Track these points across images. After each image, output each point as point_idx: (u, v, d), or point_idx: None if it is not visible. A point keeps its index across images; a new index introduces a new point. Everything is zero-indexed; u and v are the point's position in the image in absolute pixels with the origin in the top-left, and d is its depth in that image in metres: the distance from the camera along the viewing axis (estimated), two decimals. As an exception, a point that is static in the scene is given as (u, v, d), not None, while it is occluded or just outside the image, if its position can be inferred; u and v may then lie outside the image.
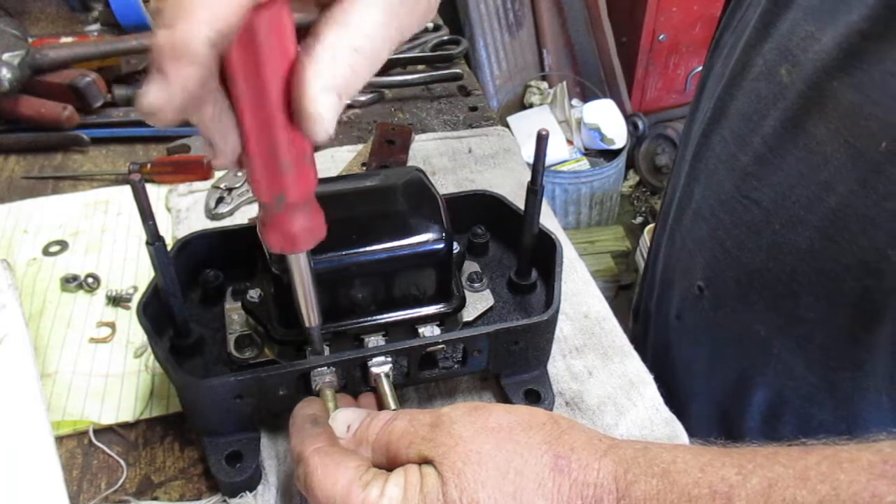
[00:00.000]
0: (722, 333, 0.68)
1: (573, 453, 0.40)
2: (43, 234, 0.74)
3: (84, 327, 0.64)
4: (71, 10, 1.14)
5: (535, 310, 0.59)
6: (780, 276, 0.59)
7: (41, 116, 0.85)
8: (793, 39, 0.56)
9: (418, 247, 0.52)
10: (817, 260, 0.56)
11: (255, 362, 0.53)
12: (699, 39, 2.58)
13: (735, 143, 0.62)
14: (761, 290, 0.62)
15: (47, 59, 0.86)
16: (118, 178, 0.82)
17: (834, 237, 0.54)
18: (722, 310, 0.67)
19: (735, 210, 0.62)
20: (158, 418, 0.57)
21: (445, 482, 0.39)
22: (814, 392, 0.61)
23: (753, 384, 0.66)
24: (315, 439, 0.44)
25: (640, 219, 2.66)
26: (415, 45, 1.05)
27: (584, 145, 2.51)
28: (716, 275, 0.67)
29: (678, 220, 0.73)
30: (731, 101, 0.64)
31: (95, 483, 0.53)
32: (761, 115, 0.59)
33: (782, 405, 0.65)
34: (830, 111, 0.53)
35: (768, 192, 0.59)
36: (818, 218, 0.55)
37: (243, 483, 0.51)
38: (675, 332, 0.76)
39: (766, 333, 0.63)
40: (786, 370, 0.63)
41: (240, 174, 0.79)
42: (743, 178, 0.61)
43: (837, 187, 0.53)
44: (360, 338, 0.54)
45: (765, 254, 0.60)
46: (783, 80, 0.57)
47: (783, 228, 0.58)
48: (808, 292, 0.57)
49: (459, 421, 0.42)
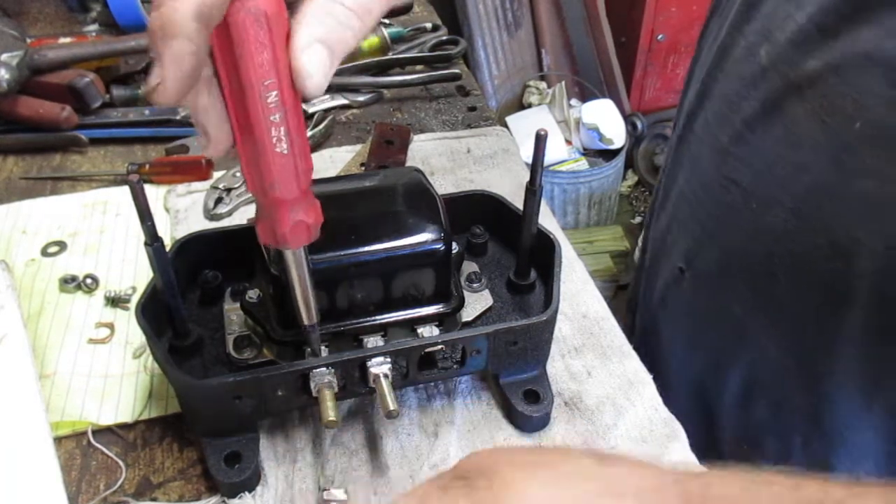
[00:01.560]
0: (701, 314, 0.69)
1: (623, 458, 0.35)
2: (41, 234, 0.74)
3: (83, 328, 0.64)
4: (69, 10, 1.13)
5: (533, 310, 0.59)
6: (756, 257, 0.60)
7: (40, 117, 0.85)
8: (773, 20, 0.57)
9: (417, 247, 0.52)
10: (792, 241, 0.56)
11: (253, 363, 0.53)
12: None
13: (717, 125, 0.63)
14: (739, 271, 0.63)
15: (46, 60, 0.86)
16: (117, 178, 0.82)
17: (807, 218, 0.55)
18: (701, 290, 0.68)
19: (715, 191, 0.63)
20: (157, 419, 0.57)
21: (474, 489, 0.33)
22: (786, 374, 0.62)
23: (729, 364, 0.67)
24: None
25: (639, 219, 2.66)
26: (413, 46, 1.05)
27: (583, 145, 2.51)
28: (696, 256, 0.68)
29: (663, 204, 0.74)
30: (714, 83, 0.65)
31: (94, 484, 0.53)
32: (742, 97, 0.60)
33: (756, 386, 0.66)
34: (807, 91, 0.54)
35: (747, 173, 0.60)
36: (793, 198, 0.56)
37: (242, 483, 0.51)
38: (660, 316, 0.77)
39: (743, 314, 0.64)
40: (760, 351, 0.64)
41: (238, 174, 0.79)
42: (723, 158, 0.62)
43: (812, 167, 0.54)
44: (359, 338, 0.54)
45: (743, 234, 0.61)
46: (762, 60, 0.58)
47: (760, 208, 0.59)
48: (783, 273, 0.58)
49: (483, 454, 0.37)
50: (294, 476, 0.53)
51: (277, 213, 0.41)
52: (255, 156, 0.38)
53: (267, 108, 0.36)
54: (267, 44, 0.35)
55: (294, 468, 0.53)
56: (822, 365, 0.59)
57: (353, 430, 0.56)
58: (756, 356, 0.64)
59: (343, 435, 0.56)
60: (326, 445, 0.55)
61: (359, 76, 0.95)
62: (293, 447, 0.55)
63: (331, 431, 0.56)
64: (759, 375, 0.65)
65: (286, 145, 0.38)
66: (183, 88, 0.35)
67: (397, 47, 1.04)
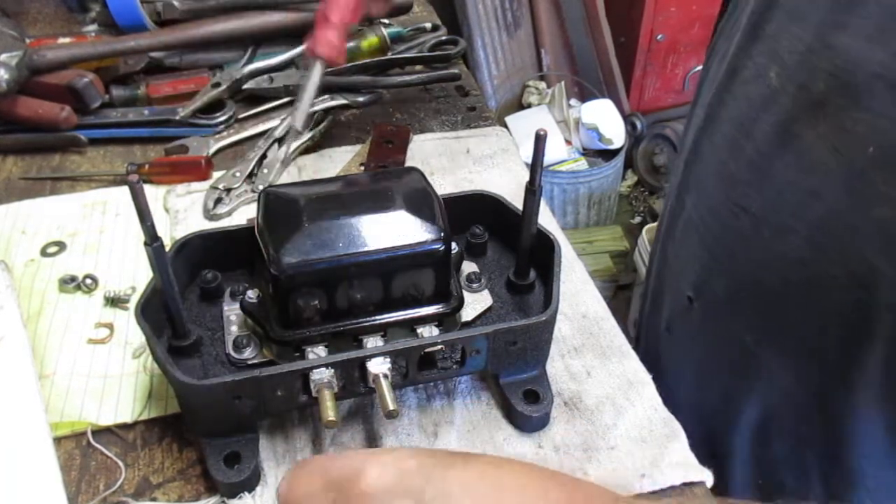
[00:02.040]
0: (710, 345, 0.67)
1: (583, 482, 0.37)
2: (41, 234, 0.74)
3: (82, 328, 0.64)
4: (68, 10, 1.13)
5: (533, 310, 0.59)
6: (769, 286, 0.58)
7: (39, 117, 0.85)
8: (781, 42, 0.55)
9: (416, 247, 0.52)
10: (807, 270, 0.54)
11: (253, 363, 0.53)
12: (697, 39, 2.59)
13: (726, 150, 0.61)
14: (750, 300, 0.61)
15: (45, 60, 0.86)
16: (116, 178, 0.82)
17: (822, 246, 0.53)
18: (710, 320, 0.66)
19: (725, 218, 0.61)
20: (157, 419, 0.57)
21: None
22: (804, 409, 0.60)
23: (743, 399, 0.65)
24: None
25: (639, 219, 2.66)
26: (413, 46, 1.05)
27: (583, 145, 2.51)
28: (705, 284, 0.66)
29: (670, 230, 0.72)
30: (722, 107, 0.63)
31: (94, 484, 0.53)
32: (752, 121, 0.58)
33: (772, 420, 0.63)
34: (819, 115, 0.52)
35: (758, 200, 0.58)
36: (806, 226, 0.54)
37: (242, 484, 0.51)
38: (665, 343, 0.75)
39: (756, 346, 0.61)
40: (776, 385, 0.61)
41: (237, 174, 0.79)
42: (733, 185, 0.60)
43: (825, 194, 0.52)
44: (359, 338, 0.54)
45: (754, 263, 0.59)
46: (773, 83, 0.56)
47: (772, 237, 0.57)
48: (798, 304, 0.56)
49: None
50: (294, 476, 0.53)
51: (319, 30, 0.73)
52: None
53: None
54: None
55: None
56: (841, 400, 0.57)
57: (352, 430, 0.56)
58: (770, 389, 0.62)
59: (343, 435, 0.56)
60: (326, 445, 0.55)
61: (358, 76, 0.95)
62: (293, 447, 0.55)
63: (330, 431, 0.56)
64: (775, 409, 0.63)
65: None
66: None
67: (396, 47, 1.04)
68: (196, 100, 0.89)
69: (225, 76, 0.92)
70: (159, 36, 0.94)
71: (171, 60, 0.97)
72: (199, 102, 0.89)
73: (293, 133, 0.82)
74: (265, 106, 0.92)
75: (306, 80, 0.76)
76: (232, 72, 0.94)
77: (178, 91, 0.92)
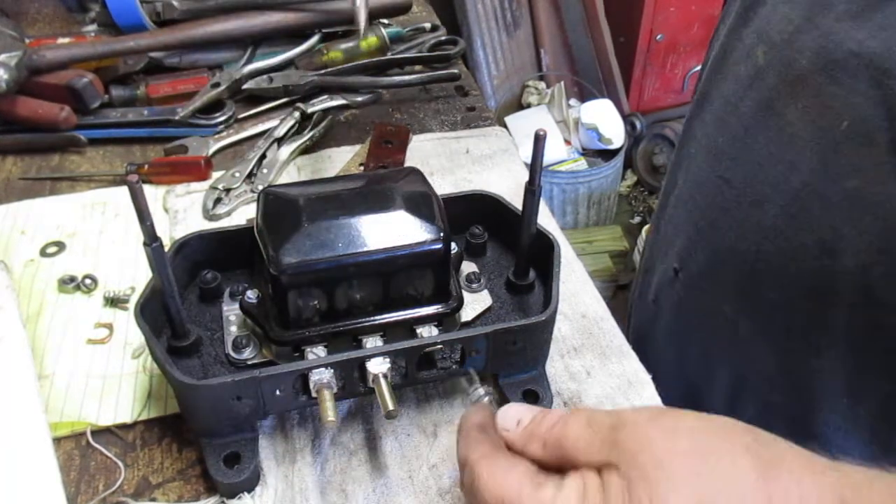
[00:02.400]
0: (692, 313, 0.70)
1: (784, 463, 0.35)
2: (40, 235, 0.74)
3: (82, 328, 0.64)
4: (68, 10, 1.13)
5: (533, 310, 0.59)
6: (745, 256, 0.60)
7: (38, 117, 0.85)
8: (770, 22, 0.58)
9: (416, 247, 0.52)
10: (780, 238, 0.57)
11: (252, 363, 0.53)
12: (697, 39, 2.59)
13: (714, 126, 0.64)
14: (729, 270, 0.63)
15: (44, 60, 0.86)
16: (116, 178, 0.82)
17: (796, 216, 0.55)
18: (692, 290, 0.69)
19: (709, 191, 0.64)
20: (156, 419, 0.57)
21: (633, 487, 0.35)
22: (773, 375, 0.62)
23: (718, 365, 0.67)
24: (481, 446, 0.41)
25: (638, 218, 2.66)
26: (412, 46, 1.05)
27: (582, 145, 2.51)
28: (689, 256, 0.68)
29: (662, 207, 0.75)
30: (713, 87, 0.65)
31: (93, 484, 0.53)
32: (739, 98, 0.60)
33: (743, 387, 0.66)
34: (800, 92, 0.54)
35: (740, 172, 0.60)
36: (783, 197, 0.56)
37: (241, 484, 0.51)
38: (652, 317, 0.78)
39: (732, 314, 0.64)
40: (748, 352, 0.64)
41: (237, 174, 0.79)
42: (719, 159, 0.63)
43: (801, 166, 0.54)
44: (359, 338, 0.54)
45: (733, 232, 0.61)
46: (759, 61, 0.58)
47: (751, 207, 0.59)
48: (771, 272, 0.59)
49: (646, 424, 0.38)
50: (293, 476, 0.53)
51: None
52: None
53: None
54: None
55: (293, 468, 0.53)
56: (807, 366, 0.59)
57: (352, 430, 0.56)
58: (744, 356, 0.64)
59: (342, 435, 0.56)
60: (326, 445, 0.55)
61: (357, 76, 0.95)
62: (292, 447, 0.55)
63: (330, 431, 0.56)
64: (747, 376, 0.65)
65: None
66: None
67: (396, 47, 1.04)
68: (195, 100, 0.89)
69: (224, 76, 0.92)
70: (159, 36, 0.94)
71: (171, 60, 0.97)
72: (198, 102, 0.89)
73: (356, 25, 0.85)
74: (265, 106, 0.92)
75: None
76: (231, 72, 0.94)
77: (177, 91, 0.92)
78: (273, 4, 0.97)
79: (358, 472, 0.53)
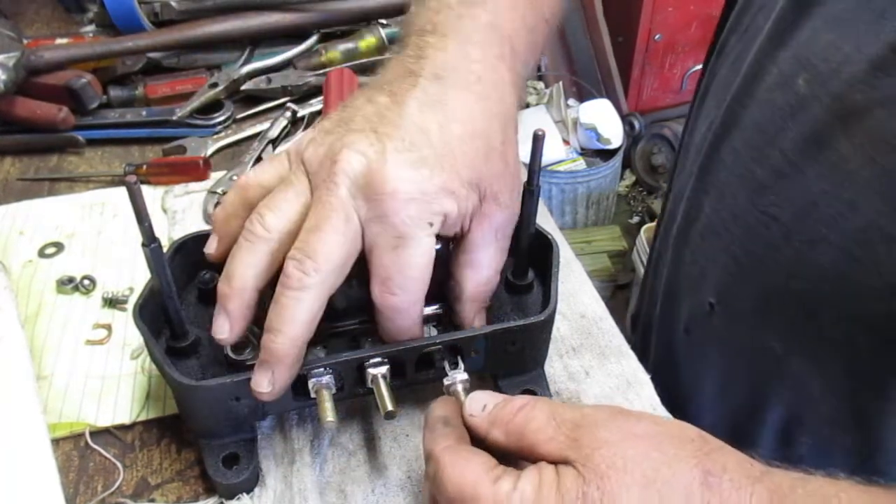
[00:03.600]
0: (735, 350, 0.67)
1: (725, 472, 0.38)
2: (39, 235, 0.74)
3: (80, 329, 0.64)
4: (66, 11, 1.13)
5: (531, 310, 0.59)
6: (799, 296, 0.57)
7: (37, 118, 0.85)
8: (812, 49, 0.54)
9: (415, 247, 0.51)
10: (840, 280, 0.54)
11: (251, 364, 0.53)
12: (695, 39, 2.59)
13: (749, 156, 0.60)
14: (779, 309, 0.60)
15: (42, 61, 0.86)
16: (114, 179, 0.82)
17: (859, 258, 0.52)
18: (735, 326, 0.65)
19: (751, 225, 0.60)
20: (155, 420, 0.57)
21: (587, 482, 0.38)
22: (834, 414, 0.60)
23: (768, 403, 0.64)
24: (444, 438, 0.44)
25: (637, 218, 2.67)
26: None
27: (581, 145, 2.51)
28: (729, 291, 0.65)
29: (685, 233, 0.71)
30: (743, 110, 0.62)
31: (92, 485, 0.53)
32: (779, 128, 0.57)
33: (799, 426, 0.63)
34: (855, 127, 0.51)
35: (788, 208, 0.57)
36: (842, 237, 0.53)
37: (240, 485, 0.51)
38: (683, 347, 0.74)
39: (783, 352, 0.61)
40: (804, 390, 0.61)
41: (234, 178, 0.79)
42: (759, 192, 0.59)
43: (862, 206, 0.51)
44: (357, 339, 0.54)
45: (784, 272, 0.58)
46: (801, 90, 0.55)
47: (804, 246, 0.56)
48: (830, 313, 0.56)
49: (605, 425, 0.41)
50: (292, 477, 0.53)
51: None
52: None
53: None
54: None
55: (292, 469, 0.53)
56: (872, 406, 0.57)
57: (351, 430, 0.56)
58: (799, 396, 0.62)
59: (341, 436, 0.56)
60: (325, 446, 0.55)
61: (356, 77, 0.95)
62: (291, 448, 0.55)
63: (329, 432, 0.56)
64: (802, 412, 0.62)
65: None
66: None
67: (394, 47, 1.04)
68: (194, 100, 0.89)
69: (223, 77, 0.92)
70: (157, 36, 0.94)
71: (169, 61, 0.97)
72: (196, 103, 0.89)
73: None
74: (263, 106, 0.92)
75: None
76: (230, 72, 0.94)
77: (175, 91, 0.92)
78: (271, 5, 0.97)
79: (357, 472, 0.53)
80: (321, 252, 0.45)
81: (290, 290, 0.45)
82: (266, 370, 0.46)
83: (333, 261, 0.45)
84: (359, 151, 0.47)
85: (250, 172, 0.53)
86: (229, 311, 0.47)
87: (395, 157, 0.47)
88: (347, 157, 0.46)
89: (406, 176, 0.46)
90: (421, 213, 0.46)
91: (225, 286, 0.48)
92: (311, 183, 0.48)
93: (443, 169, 0.48)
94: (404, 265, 0.46)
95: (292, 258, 0.45)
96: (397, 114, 0.49)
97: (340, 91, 0.86)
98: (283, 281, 0.45)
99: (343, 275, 0.47)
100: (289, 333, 0.45)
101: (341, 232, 0.46)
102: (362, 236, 0.47)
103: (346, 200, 0.46)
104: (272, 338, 0.45)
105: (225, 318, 0.48)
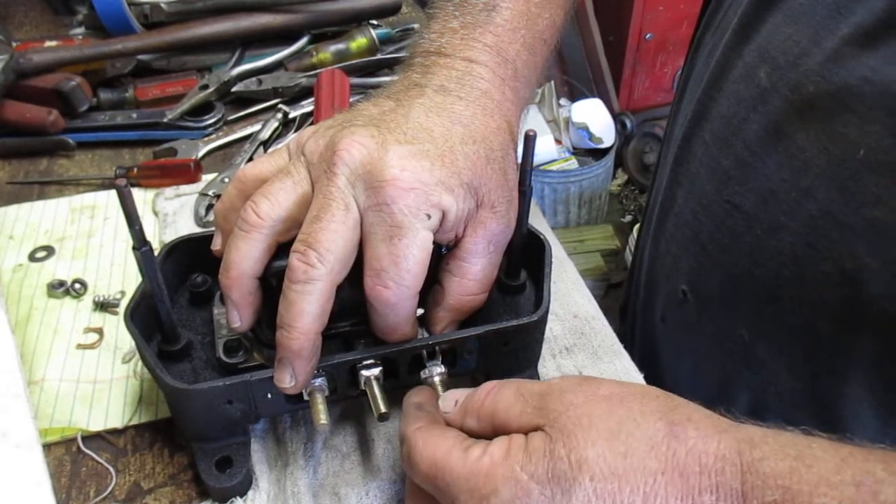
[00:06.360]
0: (706, 337, 0.68)
1: (690, 423, 0.39)
2: (29, 239, 0.73)
3: (71, 333, 0.64)
4: (55, 13, 1.13)
5: (524, 310, 0.59)
6: (762, 282, 0.59)
7: (26, 121, 0.84)
8: (773, 42, 0.56)
9: (407, 249, 0.51)
10: (799, 266, 0.55)
11: (244, 367, 0.53)
12: (686, 38, 2.57)
13: (716, 147, 0.62)
14: (745, 295, 0.61)
15: (31, 64, 0.86)
16: (105, 182, 0.81)
17: (815, 244, 0.54)
18: (706, 314, 0.67)
19: (717, 214, 0.62)
20: (147, 424, 0.57)
21: (553, 440, 0.39)
22: (796, 398, 0.61)
23: (736, 387, 0.66)
24: (417, 420, 0.45)
25: (629, 217, 2.67)
26: (402, 47, 1.05)
27: (573, 144, 2.52)
28: (699, 279, 0.66)
29: (661, 223, 0.73)
30: (712, 103, 0.63)
31: (84, 490, 0.52)
32: (742, 119, 0.59)
33: (764, 410, 0.64)
34: (809, 117, 0.53)
35: (750, 197, 0.59)
36: (799, 224, 0.55)
37: (233, 488, 0.51)
38: (661, 335, 0.76)
39: (750, 338, 0.62)
40: (769, 375, 0.62)
41: (226, 180, 0.79)
42: (724, 182, 0.61)
43: (817, 194, 0.53)
44: (350, 341, 0.54)
45: (747, 259, 0.60)
46: (763, 83, 0.56)
47: (765, 234, 0.58)
48: (791, 298, 0.57)
49: (570, 390, 0.42)
50: (286, 480, 0.53)
51: None
52: None
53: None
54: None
55: (286, 472, 0.53)
56: (833, 391, 0.58)
57: (344, 433, 0.56)
58: (765, 381, 0.63)
59: (335, 438, 0.56)
60: (318, 449, 0.55)
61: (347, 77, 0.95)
62: (284, 451, 0.55)
63: (322, 435, 0.56)
64: (767, 398, 0.64)
65: None
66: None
67: (385, 48, 1.04)
68: (184, 102, 0.89)
69: (213, 78, 0.92)
70: (147, 38, 0.94)
71: (159, 63, 0.96)
72: (187, 105, 0.88)
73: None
74: (254, 108, 0.92)
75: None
76: (220, 74, 0.93)
77: (166, 94, 0.92)
78: (262, 6, 0.97)
79: (351, 475, 0.53)
80: (323, 241, 0.45)
81: (296, 283, 0.45)
82: (286, 366, 0.47)
83: (336, 250, 0.45)
84: (359, 142, 0.47)
85: (249, 165, 0.53)
86: (234, 301, 0.48)
87: (396, 147, 0.47)
88: (348, 147, 0.47)
89: (406, 165, 0.46)
90: (419, 203, 0.46)
91: (224, 277, 0.48)
92: (311, 175, 0.49)
93: (443, 164, 0.48)
94: (399, 256, 0.46)
95: (295, 251, 0.45)
96: (401, 115, 0.50)
97: (331, 92, 0.86)
98: (288, 275, 0.45)
99: (348, 264, 0.47)
100: (301, 328, 0.45)
101: (341, 220, 0.46)
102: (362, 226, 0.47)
103: (344, 189, 0.46)
104: (285, 334, 0.45)
105: (232, 308, 0.49)
